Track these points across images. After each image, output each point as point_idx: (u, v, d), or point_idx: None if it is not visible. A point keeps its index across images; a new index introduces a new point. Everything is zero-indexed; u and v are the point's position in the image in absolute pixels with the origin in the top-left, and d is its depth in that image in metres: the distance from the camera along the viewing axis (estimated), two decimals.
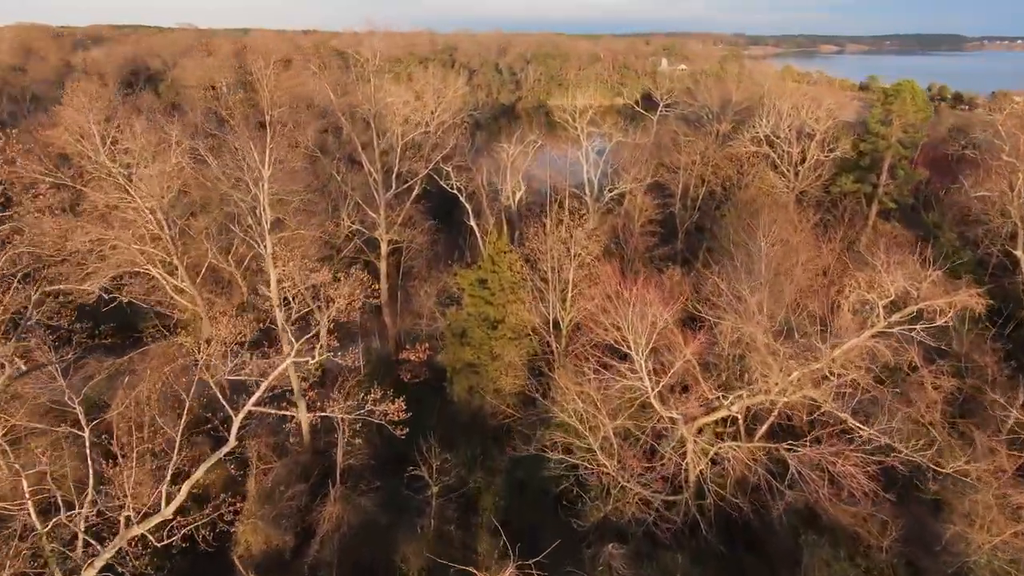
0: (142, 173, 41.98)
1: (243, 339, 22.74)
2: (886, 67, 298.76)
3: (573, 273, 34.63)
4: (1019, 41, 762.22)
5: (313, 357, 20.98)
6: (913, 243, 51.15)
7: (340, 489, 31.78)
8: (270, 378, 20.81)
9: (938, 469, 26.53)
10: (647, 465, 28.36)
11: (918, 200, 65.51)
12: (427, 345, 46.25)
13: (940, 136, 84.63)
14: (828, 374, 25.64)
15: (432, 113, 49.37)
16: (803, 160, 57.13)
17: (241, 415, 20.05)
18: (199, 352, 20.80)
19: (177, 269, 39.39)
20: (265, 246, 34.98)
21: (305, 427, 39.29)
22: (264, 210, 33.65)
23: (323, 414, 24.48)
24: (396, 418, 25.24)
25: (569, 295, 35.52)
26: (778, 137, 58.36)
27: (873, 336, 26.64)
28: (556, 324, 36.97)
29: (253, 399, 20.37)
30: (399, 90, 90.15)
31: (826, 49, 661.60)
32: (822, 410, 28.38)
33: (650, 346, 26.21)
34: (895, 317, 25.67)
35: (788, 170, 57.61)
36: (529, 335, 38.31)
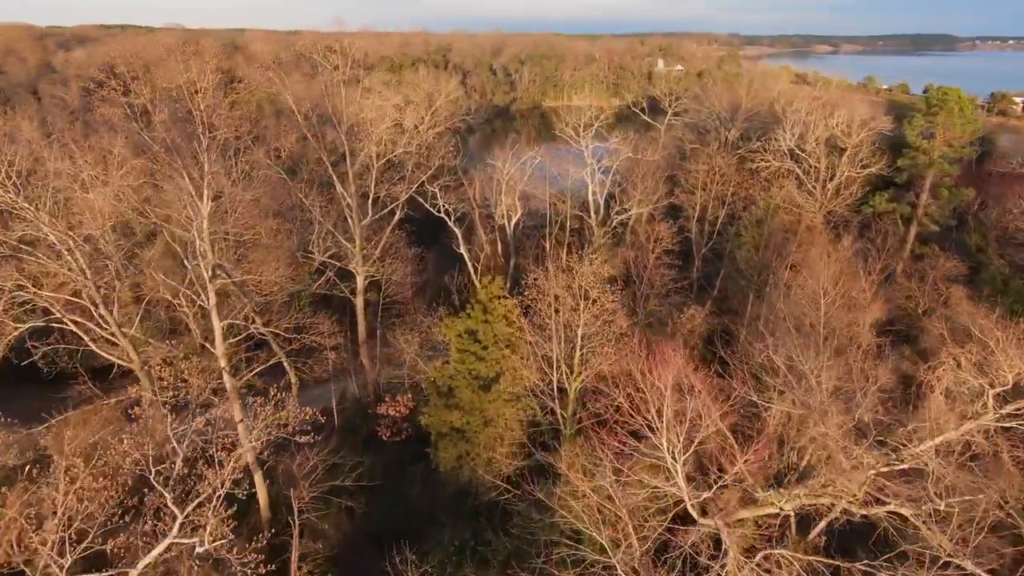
0: (81, 199, 35.77)
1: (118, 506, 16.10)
2: (883, 67, 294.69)
3: (583, 328, 28.43)
4: (1011, 41, 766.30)
5: (203, 543, 14.70)
6: (965, 274, 45.32)
7: None
8: (141, 565, 14.44)
9: None
10: None
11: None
12: (409, 395, 40.07)
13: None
14: (930, 499, 19.46)
15: (417, 125, 43.00)
16: (832, 177, 51.15)
17: None
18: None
19: (112, 316, 32.98)
20: (207, 296, 28.73)
21: (263, 499, 33.20)
22: (205, 255, 27.40)
23: None
24: None
25: (578, 354, 29.34)
26: (803, 151, 52.38)
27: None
28: (562, 387, 30.76)
29: None
30: (388, 93, 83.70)
31: (820, 49, 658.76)
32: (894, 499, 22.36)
33: (692, 450, 20.10)
34: (1009, 408, 19.64)
35: (815, 187, 51.65)
36: (529, 396, 32.10)
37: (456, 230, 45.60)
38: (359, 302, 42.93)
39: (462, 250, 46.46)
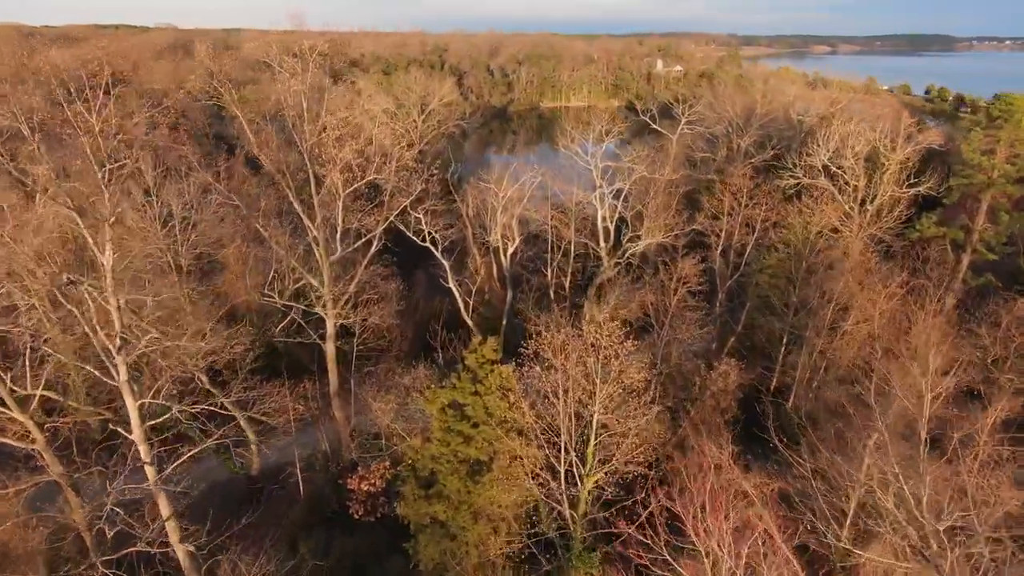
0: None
1: None
2: (881, 68, 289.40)
3: (599, 413, 22.16)
4: (1008, 42, 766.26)
5: None
6: None
7: None
8: None
9: None
10: None
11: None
12: (388, 463, 33.75)
13: None
14: None
15: (395, 143, 36.57)
16: (873, 197, 44.95)
17: None
18: None
19: (4, 383, 26.35)
20: (117, 370, 22.38)
21: None
22: (111, 322, 21.04)
23: None
24: None
25: (592, 443, 23.06)
26: (839, 167, 46.20)
27: None
28: (572, 478, 24.44)
29: None
30: (379, 98, 77.03)
31: (819, 50, 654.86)
32: None
33: None
34: None
35: (853, 208, 45.43)
36: (530, 484, 25.79)
37: (445, 262, 39.27)
38: (329, 349, 36.54)
39: (451, 284, 40.16)
